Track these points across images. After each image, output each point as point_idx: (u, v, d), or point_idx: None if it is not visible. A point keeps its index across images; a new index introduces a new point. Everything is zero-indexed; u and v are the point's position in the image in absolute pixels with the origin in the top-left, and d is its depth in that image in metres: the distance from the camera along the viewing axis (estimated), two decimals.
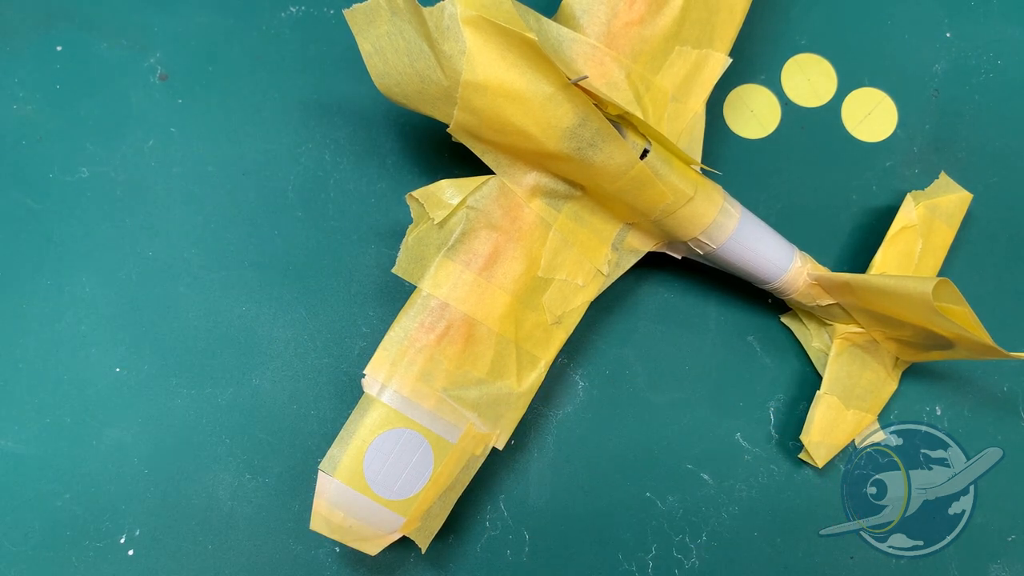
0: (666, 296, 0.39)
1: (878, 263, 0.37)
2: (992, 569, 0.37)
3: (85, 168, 0.37)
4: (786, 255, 0.34)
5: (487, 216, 0.31)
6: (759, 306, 0.39)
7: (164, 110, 0.37)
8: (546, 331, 0.33)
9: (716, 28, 0.34)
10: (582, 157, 0.29)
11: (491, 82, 0.28)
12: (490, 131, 0.30)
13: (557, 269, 0.33)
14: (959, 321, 0.31)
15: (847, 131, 0.41)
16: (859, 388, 0.37)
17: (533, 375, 0.32)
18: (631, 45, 0.33)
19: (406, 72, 0.29)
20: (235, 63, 0.38)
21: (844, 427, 0.37)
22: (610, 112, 0.30)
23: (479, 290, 0.31)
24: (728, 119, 0.40)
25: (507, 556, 0.35)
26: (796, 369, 0.39)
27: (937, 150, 0.41)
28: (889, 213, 0.38)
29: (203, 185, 0.37)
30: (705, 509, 0.37)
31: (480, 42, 0.27)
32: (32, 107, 0.37)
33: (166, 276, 0.36)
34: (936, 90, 0.41)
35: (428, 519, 0.31)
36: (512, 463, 0.36)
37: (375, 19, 0.28)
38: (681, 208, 0.32)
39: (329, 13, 0.39)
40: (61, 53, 0.38)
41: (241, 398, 0.36)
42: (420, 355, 0.31)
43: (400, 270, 0.31)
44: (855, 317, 0.36)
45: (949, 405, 0.39)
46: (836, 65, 0.41)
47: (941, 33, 0.42)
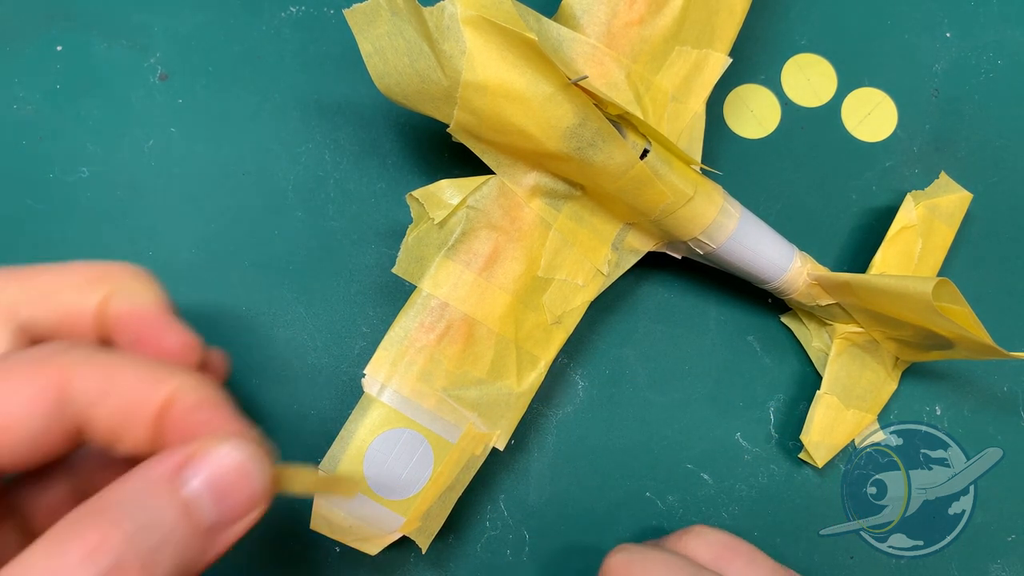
0: (666, 296, 0.39)
1: (878, 263, 0.37)
2: (992, 569, 0.37)
3: (85, 168, 0.37)
4: (786, 255, 0.34)
5: (487, 216, 0.31)
6: (759, 306, 0.39)
7: (164, 110, 0.37)
8: (546, 331, 0.33)
9: (716, 28, 0.34)
10: (582, 157, 0.29)
11: (491, 82, 0.28)
12: (490, 131, 0.30)
13: (557, 269, 0.33)
14: (959, 321, 0.31)
15: (847, 131, 0.41)
16: (859, 388, 0.37)
17: (533, 375, 0.32)
18: (631, 45, 0.32)
19: (406, 72, 0.29)
20: (235, 63, 0.38)
21: (844, 427, 0.37)
22: (610, 112, 0.30)
23: (479, 290, 0.31)
24: (728, 119, 0.40)
25: (507, 556, 0.35)
26: (796, 369, 0.39)
27: (937, 150, 0.41)
28: (889, 213, 0.38)
29: (203, 185, 0.37)
30: (705, 509, 0.37)
31: (480, 42, 0.27)
32: (32, 107, 0.37)
33: (166, 276, 0.36)
34: (936, 90, 0.41)
35: (428, 519, 0.31)
36: (512, 463, 0.36)
37: (375, 19, 0.28)
38: (681, 208, 0.32)
39: (329, 13, 0.39)
40: (61, 53, 0.38)
41: (241, 398, 0.35)
42: (420, 355, 0.31)
43: (400, 270, 0.31)
44: (855, 317, 0.36)
45: (949, 405, 0.39)
46: (836, 65, 0.41)
47: (941, 33, 0.42)
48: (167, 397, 0.22)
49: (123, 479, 0.21)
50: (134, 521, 0.20)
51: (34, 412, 0.21)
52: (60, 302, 0.25)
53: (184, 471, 0.21)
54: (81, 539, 0.19)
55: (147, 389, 0.22)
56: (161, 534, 0.20)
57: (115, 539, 0.19)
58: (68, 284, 0.26)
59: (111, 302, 0.26)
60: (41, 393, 0.21)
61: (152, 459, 0.21)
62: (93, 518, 0.19)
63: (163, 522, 0.20)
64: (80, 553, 0.19)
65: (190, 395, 0.23)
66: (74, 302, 0.25)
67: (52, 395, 0.21)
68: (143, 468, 0.21)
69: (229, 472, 0.22)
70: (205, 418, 0.23)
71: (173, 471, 0.21)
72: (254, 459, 0.22)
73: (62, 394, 0.21)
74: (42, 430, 0.21)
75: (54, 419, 0.21)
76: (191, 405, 0.23)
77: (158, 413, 0.22)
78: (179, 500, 0.21)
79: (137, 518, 0.20)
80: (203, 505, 0.21)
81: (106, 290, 0.26)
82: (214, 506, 0.21)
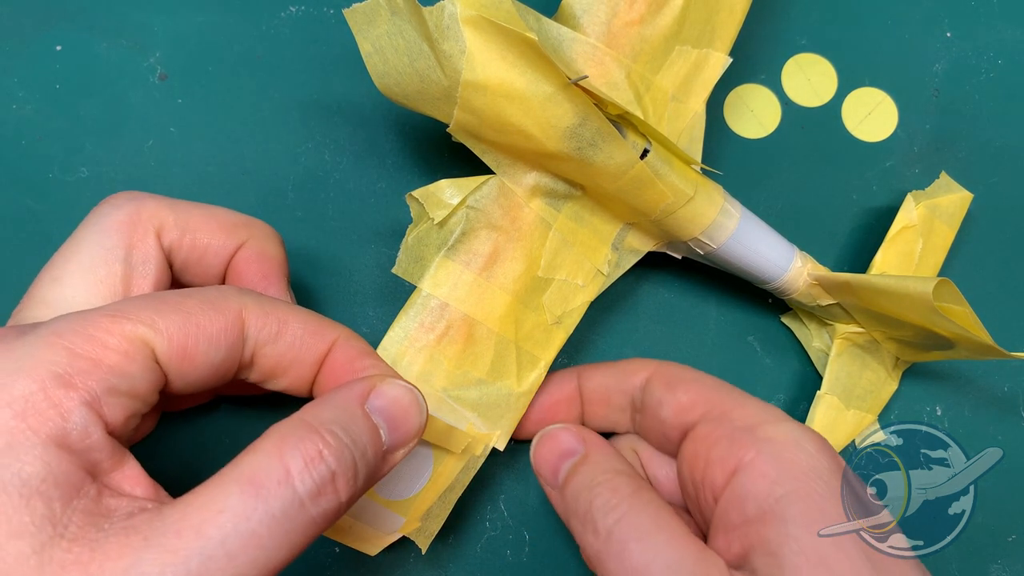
0: (666, 296, 0.39)
1: (878, 263, 0.37)
2: (992, 569, 0.37)
3: (85, 168, 0.37)
4: (786, 255, 0.34)
5: (487, 216, 0.31)
6: (759, 306, 0.39)
7: (164, 110, 0.37)
8: (546, 331, 0.33)
9: (716, 28, 0.34)
10: (582, 157, 0.29)
11: (491, 81, 0.28)
12: (490, 131, 0.30)
13: (557, 269, 0.33)
14: (959, 321, 0.31)
15: (847, 131, 0.41)
16: (859, 388, 0.37)
17: (533, 375, 0.32)
18: (631, 45, 0.32)
19: (406, 71, 0.29)
20: (235, 63, 0.38)
21: (844, 427, 0.37)
22: (610, 112, 0.30)
23: (479, 290, 0.31)
24: (728, 119, 0.40)
25: (507, 556, 0.35)
26: (796, 369, 0.39)
27: (937, 150, 0.41)
28: (889, 213, 0.38)
29: (203, 185, 0.37)
30: None
31: (480, 42, 0.27)
32: (32, 107, 0.37)
33: None
34: (936, 90, 0.41)
35: (428, 519, 0.31)
36: (512, 463, 0.36)
37: (375, 18, 0.28)
38: (681, 208, 0.32)
39: (329, 13, 0.39)
40: (61, 53, 0.38)
41: (241, 398, 0.35)
42: (420, 355, 0.31)
43: (400, 270, 0.31)
44: (855, 317, 0.36)
45: (949, 405, 0.39)
46: (836, 65, 0.41)
47: (941, 33, 0.42)
48: (330, 345, 0.26)
49: (324, 400, 0.24)
50: (343, 437, 0.23)
51: (219, 346, 0.24)
52: (203, 239, 0.29)
53: (371, 400, 0.25)
54: (302, 448, 0.22)
55: (313, 336, 0.26)
56: (360, 450, 0.23)
57: (330, 451, 0.22)
58: (214, 226, 0.29)
59: (241, 250, 0.29)
60: (225, 331, 0.24)
61: (345, 387, 0.25)
62: (310, 431, 0.22)
63: (362, 440, 0.24)
64: (302, 460, 0.22)
65: (351, 345, 0.27)
66: (215, 243, 0.29)
67: (235, 333, 0.24)
68: (342, 393, 0.25)
69: (401, 405, 0.25)
70: (364, 366, 0.27)
71: (363, 398, 0.25)
72: (419, 398, 0.26)
73: (241, 333, 0.24)
74: (222, 362, 0.24)
75: (232, 354, 0.24)
76: (352, 354, 0.27)
77: (320, 359, 0.26)
78: (372, 423, 0.24)
79: (345, 435, 0.23)
80: (383, 430, 0.25)
81: (244, 239, 0.29)
82: (389, 432, 0.25)
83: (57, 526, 0.20)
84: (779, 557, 0.24)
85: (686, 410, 0.29)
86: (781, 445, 0.26)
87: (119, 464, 0.22)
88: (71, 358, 0.21)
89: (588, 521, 0.27)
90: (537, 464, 0.30)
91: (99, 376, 0.21)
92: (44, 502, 0.20)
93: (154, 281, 0.28)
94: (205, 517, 0.20)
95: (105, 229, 0.27)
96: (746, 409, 0.28)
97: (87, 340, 0.22)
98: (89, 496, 0.21)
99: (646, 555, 0.25)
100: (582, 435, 0.30)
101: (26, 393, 0.20)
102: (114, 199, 0.28)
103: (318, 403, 0.24)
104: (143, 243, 0.27)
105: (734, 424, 0.28)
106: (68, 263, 0.27)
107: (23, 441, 0.20)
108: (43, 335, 0.21)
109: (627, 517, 0.26)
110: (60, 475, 0.20)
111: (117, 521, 0.20)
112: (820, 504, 0.25)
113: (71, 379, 0.21)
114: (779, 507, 0.25)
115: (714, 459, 0.27)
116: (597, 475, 0.28)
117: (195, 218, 0.29)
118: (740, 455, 0.26)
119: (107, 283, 0.27)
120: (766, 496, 0.25)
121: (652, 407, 0.31)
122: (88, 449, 0.21)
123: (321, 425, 0.23)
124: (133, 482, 0.22)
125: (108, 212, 0.28)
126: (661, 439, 0.31)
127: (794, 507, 0.25)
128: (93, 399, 0.21)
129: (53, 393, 0.21)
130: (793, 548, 0.24)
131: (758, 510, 0.25)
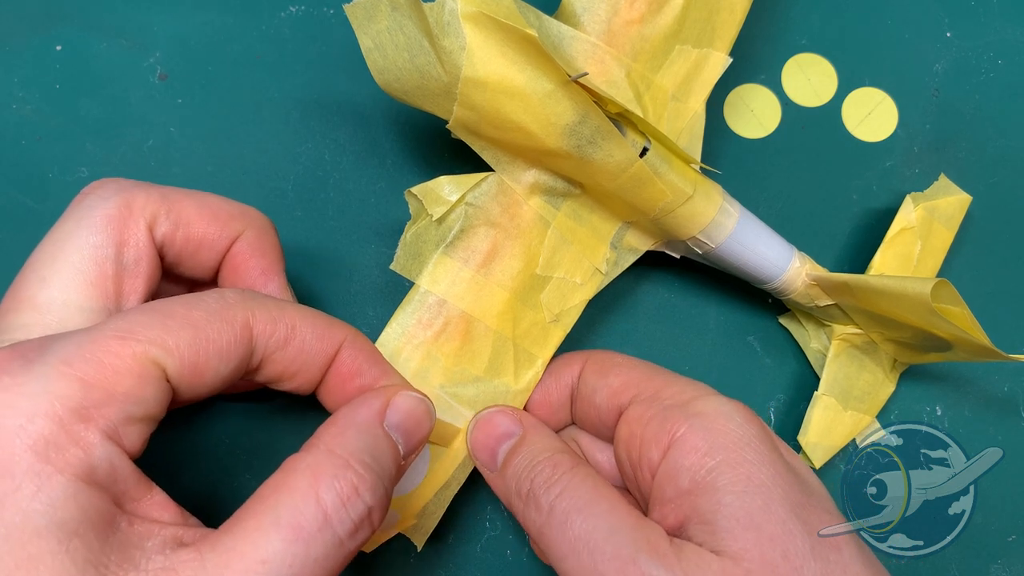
0: (666, 296, 0.38)
1: (877, 264, 0.36)
2: (992, 569, 0.37)
3: (85, 168, 0.37)
4: (785, 255, 0.34)
5: (486, 213, 0.31)
6: (759, 306, 0.39)
7: (164, 110, 0.37)
8: (544, 329, 0.33)
9: (717, 28, 0.34)
10: (581, 154, 0.29)
11: (491, 78, 0.28)
12: (489, 127, 0.30)
13: (555, 267, 0.33)
14: (957, 322, 0.31)
15: (847, 131, 0.41)
16: (857, 389, 0.37)
17: (530, 373, 0.32)
18: (631, 44, 0.33)
19: (406, 67, 0.29)
20: (235, 63, 0.38)
21: (842, 428, 0.37)
22: (610, 110, 0.30)
23: (477, 287, 0.31)
24: (728, 119, 0.40)
25: (507, 556, 0.35)
26: (796, 370, 0.39)
27: (937, 150, 0.41)
28: (889, 214, 0.38)
29: (203, 185, 0.37)
30: None
31: (480, 38, 0.27)
32: (32, 107, 0.37)
33: None
34: (936, 90, 0.41)
35: (424, 517, 0.31)
36: None
37: (375, 14, 0.28)
38: (680, 207, 0.32)
39: (329, 12, 0.39)
40: (61, 53, 0.38)
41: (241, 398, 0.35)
42: (417, 352, 0.31)
43: (398, 266, 0.31)
44: (853, 318, 0.36)
45: (949, 405, 0.39)
46: (836, 65, 0.41)
47: (941, 33, 0.42)
48: (337, 347, 0.26)
49: (346, 423, 0.24)
50: (374, 466, 0.23)
51: (230, 359, 0.24)
52: (196, 232, 0.28)
53: (388, 416, 0.25)
54: (337, 487, 0.22)
55: (321, 340, 0.26)
56: (387, 474, 0.24)
57: (365, 486, 0.23)
58: (208, 217, 0.29)
59: (237, 242, 0.29)
60: (234, 343, 0.24)
61: (364, 405, 0.25)
62: (343, 467, 0.23)
63: (388, 463, 0.24)
64: (339, 499, 0.22)
65: (357, 347, 0.27)
66: (210, 236, 0.29)
67: (244, 344, 0.24)
68: (362, 413, 0.25)
69: (415, 417, 0.26)
70: (374, 375, 0.27)
71: (382, 415, 0.25)
72: (429, 407, 0.27)
73: (250, 343, 0.24)
74: (231, 374, 0.24)
75: (241, 364, 0.24)
76: (360, 358, 0.27)
77: (328, 361, 0.26)
78: (392, 441, 0.25)
79: (375, 463, 0.23)
80: (400, 445, 0.25)
81: (239, 231, 0.29)
82: (404, 445, 0.25)
83: (99, 567, 0.19)
84: (713, 524, 0.25)
85: (618, 393, 0.30)
86: (711, 418, 0.27)
87: (146, 492, 0.22)
88: (85, 390, 0.20)
89: (530, 499, 0.28)
90: (474, 449, 0.31)
91: (116, 406, 0.21)
92: (83, 543, 0.19)
93: (146, 279, 0.27)
94: (249, 567, 0.20)
95: (93, 224, 0.26)
96: (676, 387, 0.29)
97: (99, 368, 0.21)
98: (121, 529, 0.20)
99: (587, 524, 0.26)
100: (519, 417, 0.31)
101: (46, 433, 0.20)
102: (101, 189, 0.27)
103: (342, 429, 0.24)
104: (134, 240, 0.27)
105: (665, 402, 0.29)
106: (55, 261, 0.26)
107: (51, 483, 0.19)
108: (52, 364, 0.20)
109: (568, 491, 0.27)
110: (93, 513, 0.20)
111: (154, 556, 0.20)
112: (749, 470, 0.26)
113: (88, 412, 0.20)
114: (710, 477, 0.26)
115: (648, 437, 0.28)
116: (536, 454, 0.29)
117: (188, 209, 0.28)
118: (672, 431, 0.27)
119: (99, 285, 0.26)
120: (698, 468, 0.26)
121: (587, 395, 0.31)
122: (115, 481, 0.21)
123: (352, 456, 0.23)
124: (160, 508, 0.22)
125: (95, 204, 0.27)
126: (598, 425, 0.31)
127: (725, 476, 0.26)
128: (112, 430, 0.21)
129: (72, 429, 0.20)
130: (725, 514, 0.25)
131: (691, 482, 0.26)
